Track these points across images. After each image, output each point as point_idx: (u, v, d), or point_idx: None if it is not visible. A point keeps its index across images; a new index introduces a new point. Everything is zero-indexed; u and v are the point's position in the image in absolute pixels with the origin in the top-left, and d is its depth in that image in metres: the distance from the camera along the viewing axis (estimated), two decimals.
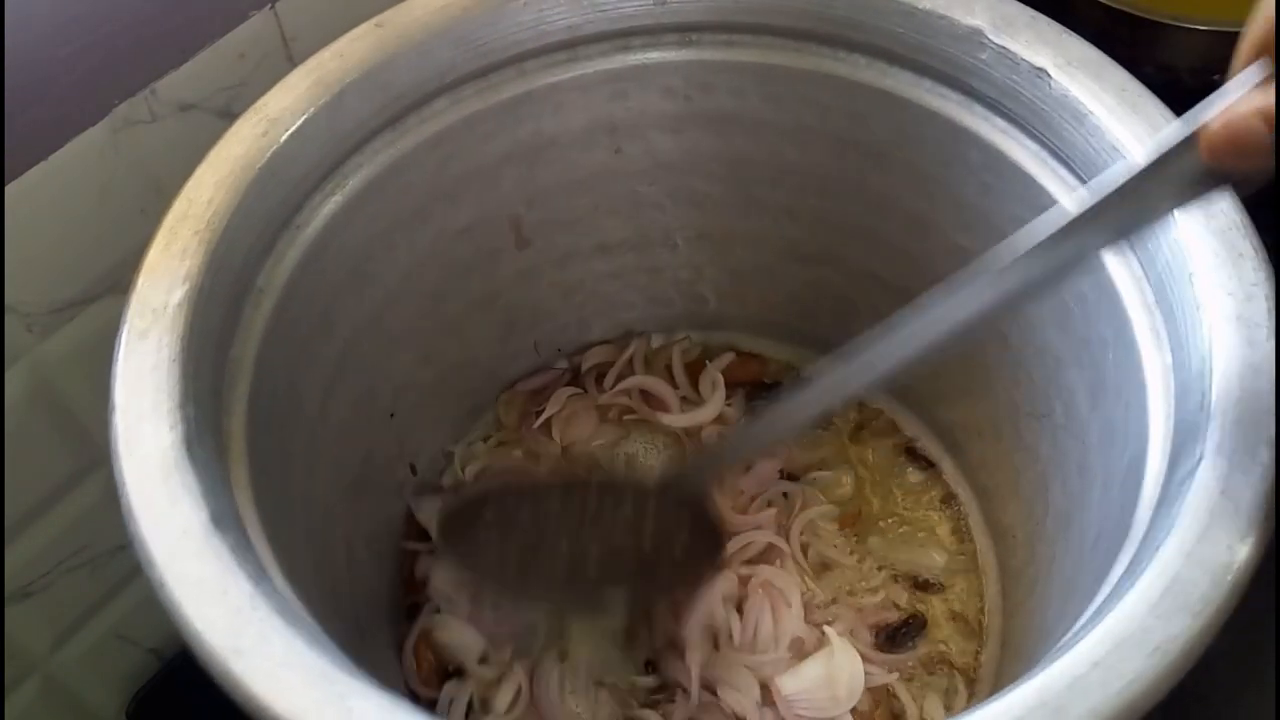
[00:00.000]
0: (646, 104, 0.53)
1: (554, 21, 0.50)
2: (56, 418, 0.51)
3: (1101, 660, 0.30)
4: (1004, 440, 0.55)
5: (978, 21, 0.45)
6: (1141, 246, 0.41)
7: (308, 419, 0.47)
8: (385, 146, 0.49)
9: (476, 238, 0.55)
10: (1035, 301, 0.44)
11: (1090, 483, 0.45)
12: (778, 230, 0.58)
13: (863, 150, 0.52)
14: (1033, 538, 0.52)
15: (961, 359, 0.56)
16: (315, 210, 0.47)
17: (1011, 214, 0.48)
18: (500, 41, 0.49)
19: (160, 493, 0.34)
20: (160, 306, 0.39)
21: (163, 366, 0.37)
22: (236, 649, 0.31)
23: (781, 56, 0.51)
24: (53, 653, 0.57)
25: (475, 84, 0.50)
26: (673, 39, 0.51)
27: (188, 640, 0.32)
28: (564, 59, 0.51)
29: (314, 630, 0.34)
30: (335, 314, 0.49)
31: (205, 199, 0.41)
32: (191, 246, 0.40)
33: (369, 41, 0.47)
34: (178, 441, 0.35)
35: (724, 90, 0.53)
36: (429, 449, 0.60)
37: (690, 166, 0.56)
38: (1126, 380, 0.41)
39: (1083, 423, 0.46)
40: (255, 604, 0.33)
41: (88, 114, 0.46)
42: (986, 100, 0.47)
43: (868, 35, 0.49)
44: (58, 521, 0.53)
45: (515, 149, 0.53)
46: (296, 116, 0.44)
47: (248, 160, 0.43)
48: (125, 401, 0.36)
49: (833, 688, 0.52)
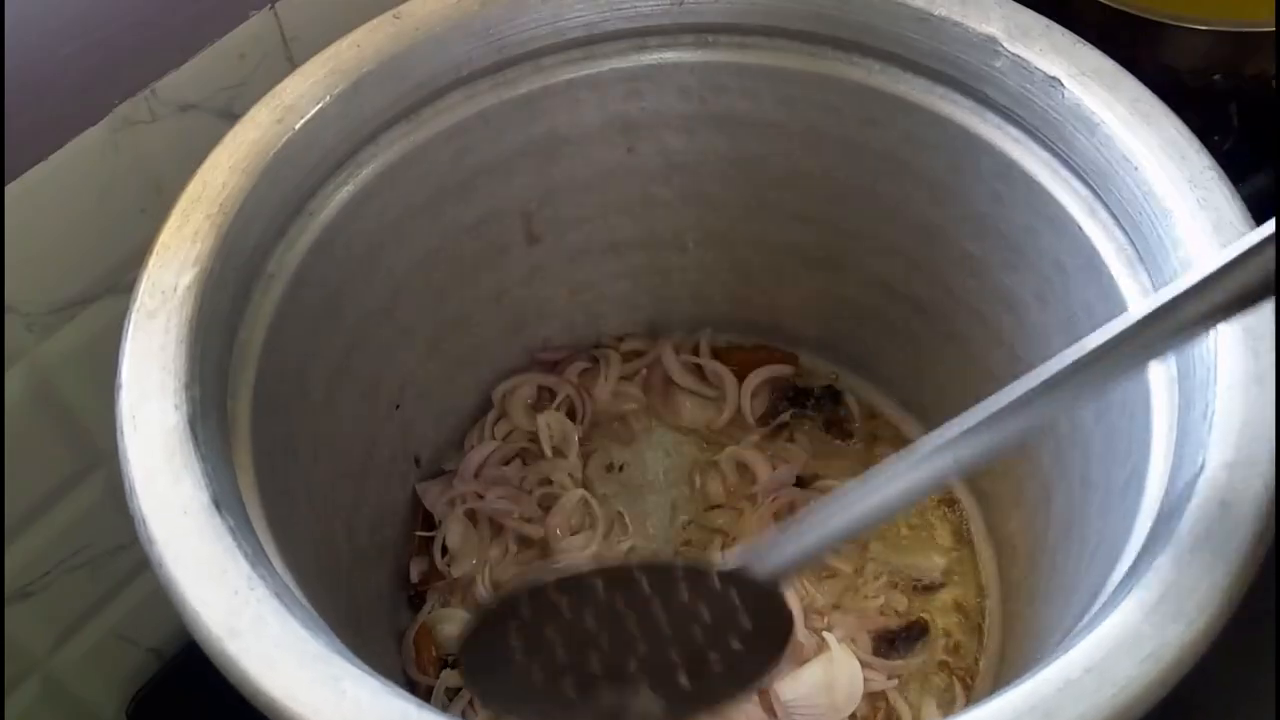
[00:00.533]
0: (661, 104, 0.54)
1: (572, 19, 0.50)
2: (56, 418, 0.50)
3: (1094, 665, 0.30)
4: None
5: (993, 29, 0.45)
6: (1151, 257, 0.41)
7: (313, 405, 0.48)
8: (400, 137, 0.49)
9: (487, 232, 0.55)
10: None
11: (1092, 493, 0.44)
12: (788, 234, 0.59)
13: (874, 155, 0.52)
14: (1034, 547, 0.52)
15: (962, 368, 0.56)
16: (328, 198, 0.47)
17: (1022, 223, 0.48)
18: (518, 36, 0.49)
19: (163, 471, 0.35)
20: (170, 288, 0.39)
21: (170, 347, 0.37)
22: (233, 629, 0.31)
23: (795, 60, 0.51)
24: (53, 653, 0.57)
25: (491, 79, 0.50)
26: (689, 39, 0.52)
27: (185, 619, 0.32)
28: (580, 56, 0.51)
29: (310, 614, 0.34)
30: (344, 302, 0.49)
31: (219, 182, 0.42)
32: (204, 229, 0.40)
33: (387, 32, 0.47)
34: (182, 421, 0.36)
35: (738, 92, 0.53)
36: (434, 441, 0.61)
37: (702, 167, 0.57)
38: (1131, 391, 0.41)
39: (1087, 434, 0.46)
40: (253, 585, 0.33)
41: (88, 114, 0.46)
42: (999, 108, 0.47)
43: (881, 41, 0.49)
44: (58, 521, 0.53)
45: (529, 145, 0.53)
46: (313, 104, 0.44)
47: (263, 145, 0.43)
48: (131, 380, 0.37)
49: (831, 694, 0.52)
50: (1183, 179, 0.40)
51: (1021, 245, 0.48)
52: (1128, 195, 0.42)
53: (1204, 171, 0.40)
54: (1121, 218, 0.42)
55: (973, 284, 0.52)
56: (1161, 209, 0.40)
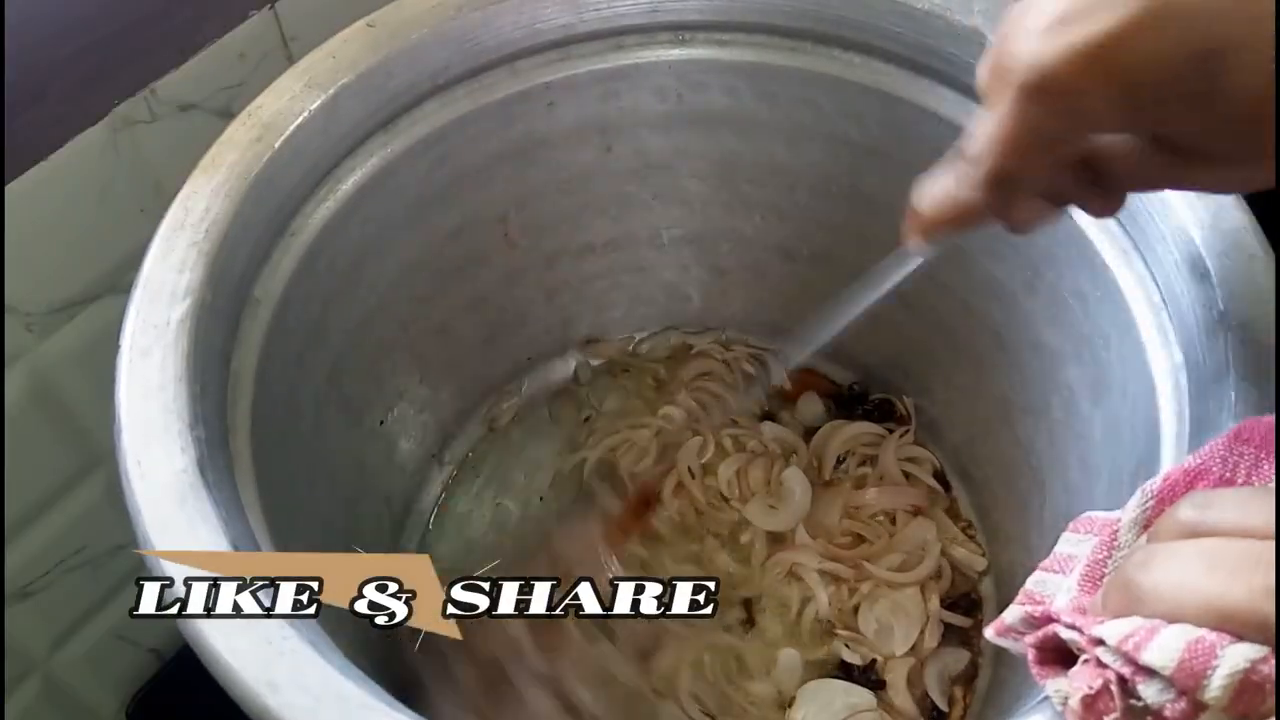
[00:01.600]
0: (638, 103, 0.53)
1: (549, 21, 0.49)
2: (56, 418, 0.50)
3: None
4: (994, 435, 0.55)
5: (977, 21, 0.46)
6: (1148, 247, 0.42)
7: (304, 433, 0.46)
8: (378, 149, 0.47)
9: (466, 240, 0.54)
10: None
11: (1095, 479, 0.45)
12: (766, 228, 0.58)
13: (856, 149, 0.52)
14: (1028, 531, 0.52)
15: (950, 353, 0.56)
16: (309, 217, 0.45)
17: None
18: (494, 40, 0.48)
19: (176, 519, 0.33)
20: (162, 322, 0.37)
21: (169, 386, 0.36)
22: (272, 683, 0.30)
23: (776, 55, 0.51)
24: (53, 653, 0.57)
25: (467, 84, 0.49)
26: (666, 38, 0.51)
27: (217, 675, 0.31)
28: (557, 58, 0.50)
29: (345, 662, 0.33)
30: (329, 322, 0.48)
31: (201, 208, 0.40)
32: (190, 258, 0.39)
33: (361, 42, 0.45)
34: (191, 465, 0.34)
35: (716, 89, 0.52)
36: (418, 455, 0.59)
37: (679, 165, 0.56)
38: (1132, 378, 0.42)
39: (1085, 419, 0.46)
40: (285, 633, 0.31)
41: (88, 114, 0.46)
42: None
43: (864, 35, 0.49)
44: (58, 521, 0.53)
45: (506, 150, 0.52)
46: (291, 120, 0.43)
47: (244, 167, 0.41)
48: (132, 423, 0.35)
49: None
50: None
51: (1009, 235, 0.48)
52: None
53: None
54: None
55: (959, 276, 0.53)
56: (1159, 199, 0.40)
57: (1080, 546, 0.33)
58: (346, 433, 0.51)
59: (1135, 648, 0.26)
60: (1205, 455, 0.31)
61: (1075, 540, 0.33)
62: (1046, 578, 0.33)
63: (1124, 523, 0.31)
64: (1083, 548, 0.32)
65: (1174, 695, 0.25)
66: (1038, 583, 0.33)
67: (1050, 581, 0.33)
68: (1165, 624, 0.26)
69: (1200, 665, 0.24)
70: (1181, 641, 0.25)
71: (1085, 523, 0.33)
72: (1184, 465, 0.31)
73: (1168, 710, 0.25)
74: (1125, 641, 0.26)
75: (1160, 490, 0.31)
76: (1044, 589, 0.33)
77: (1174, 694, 0.25)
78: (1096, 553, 0.31)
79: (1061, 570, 0.33)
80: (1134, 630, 0.26)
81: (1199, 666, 0.24)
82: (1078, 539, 0.33)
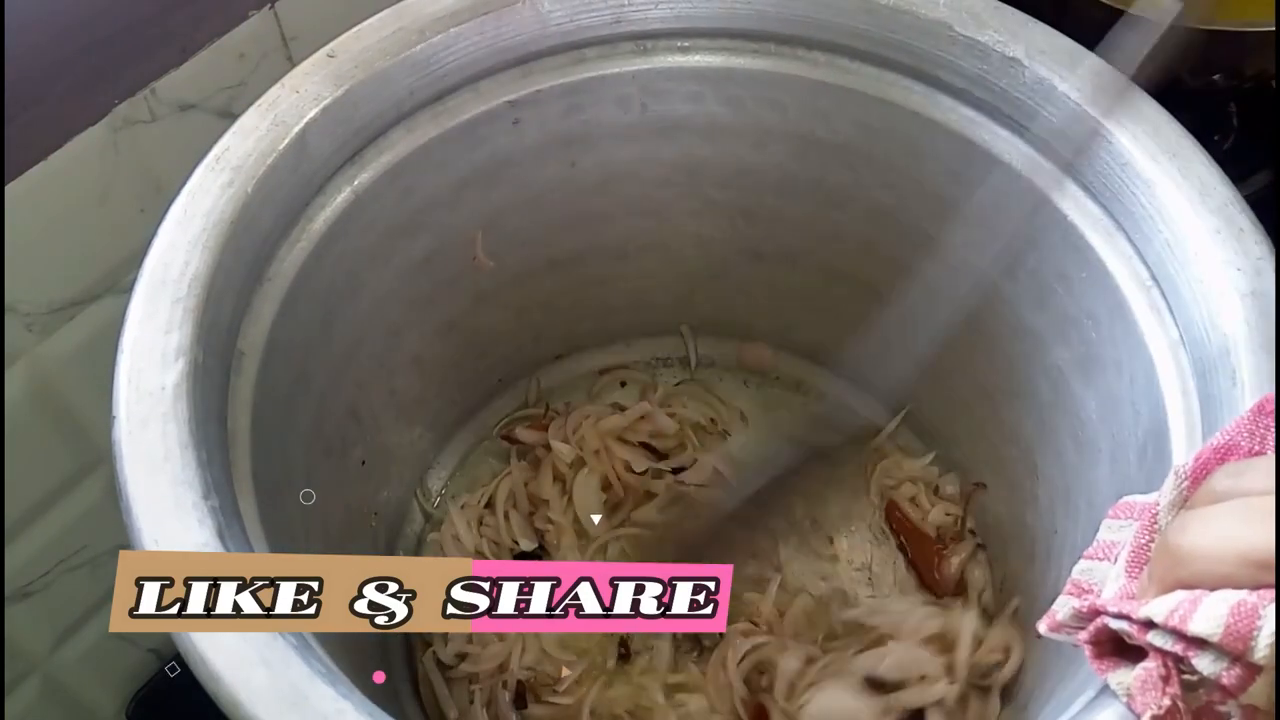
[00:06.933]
0: (601, 115, 0.52)
1: (511, 37, 0.47)
2: (56, 418, 0.50)
3: None
4: (977, 419, 0.56)
5: (942, 14, 0.46)
6: (1134, 227, 0.42)
7: (297, 485, 0.44)
8: (346, 183, 0.46)
9: (435, 268, 0.53)
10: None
11: (1093, 457, 0.46)
12: (733, 230, 0.58)
13: (824, 147, 0.52)
14: (1021, 512, 0.53)
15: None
16: (283, 261, 0.44)
17: (981, 198, 0.49)
18: (456, 62, 0.47)
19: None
20: (156, 388, 0.35)
21: (175, 455, 0.34)
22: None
23: (740, 59, 0.50)
24: (53, 653, 0.57)
25: (431, 108, 0.48)
26: (629, 48, 0.50)
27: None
28: (519, 75, 0.49)
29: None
30: (311, 367, 0.46)
31: (181, 262, 0.38)
32: (177, 317, 0.37)
33: (324, 74, 0.43)
34: (212, 539, 0.32)
35: (679, 96, 0.52)
36: (397, 492, 0.58)
37: (645, 174, 0.55)
38: (1129, 355, 0.43)
39: (1076, 399, 0.47)
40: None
41: (88, 114, 0.45)
42: (953, 90, 0.47)
43: (829, 33, 0.48)
44: (58, 521, 0.53)
45: (472, 173, 0.51)
46: (261, 162, 0.41)
47: (219, 215, 0.39)
48: (142, 499, 0.33)
49: None
50: (1161, 151, 0.41)
51: (990, 222, 0.49)
52: (1103, 169, 0.43)
53: (1179, 140, 0.41)
54: (1098, 190, 0.44)
55: (932, 266, 0.53)
56: (1142, 179, 0.41)
57: (1122, 532, 0.33)
58: (332, 479, 0.49)
59: (1182, 620, 0.26)
60: (1232, 432, 0.31)
61: (1117, 526, 0.33)
62: (1093, 565, 0.33)
63: (1162, 505, 0.32)
64: (1125, 533, 0.33)
65: (1227, 663, 0.26)
66: (1084, 571, 0.34)
67: (1097, 570, 0.33)
68: (1207, 593, 0.26)
69: (1245, 627, 0.25)
70: (1224, 607, 0.25)
71: (1125, 508, 0.33)
72: (1212, 443, 0.32)
73: (1224, 678, 0.26)
74: (1171, 616, 0.27)
75: (1193, 470, 0.31)
76: (1091, 577, 0.33)
77: (1227, 661, 0.26)
78: (1139, 537, 0.32)
79: (1106, 557, 0.33)
80: (1178, 604, 0.27)
81: (1244, 629, 0.25)
82: (1119, 525, 0.33)
